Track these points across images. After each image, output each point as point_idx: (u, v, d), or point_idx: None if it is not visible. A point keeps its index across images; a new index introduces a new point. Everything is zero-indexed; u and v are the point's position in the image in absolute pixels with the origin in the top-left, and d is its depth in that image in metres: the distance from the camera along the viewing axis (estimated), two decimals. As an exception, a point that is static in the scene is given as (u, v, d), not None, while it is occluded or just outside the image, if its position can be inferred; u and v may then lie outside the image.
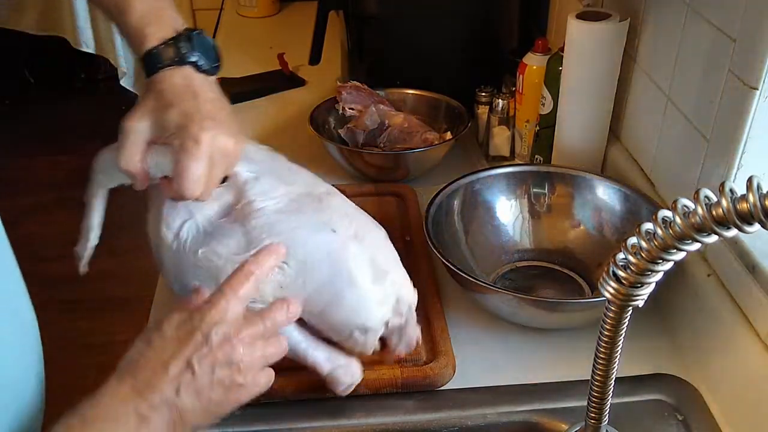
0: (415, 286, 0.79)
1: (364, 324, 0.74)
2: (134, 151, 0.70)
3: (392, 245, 0.80)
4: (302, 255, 0.73)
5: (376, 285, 0.74)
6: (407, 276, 0.78)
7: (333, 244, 0.75)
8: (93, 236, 0.84)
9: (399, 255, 0.79)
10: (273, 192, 0.78)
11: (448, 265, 0.85)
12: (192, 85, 0.70)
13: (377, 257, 0.76)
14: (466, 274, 0.84)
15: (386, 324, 0.75)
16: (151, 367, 0.59)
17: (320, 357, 0.75)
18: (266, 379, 0.66)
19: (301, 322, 0.75)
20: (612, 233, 0.98)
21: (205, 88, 0.71)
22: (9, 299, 0.68)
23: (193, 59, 0.71)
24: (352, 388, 0.77)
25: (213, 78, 0.74)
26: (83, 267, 0.81)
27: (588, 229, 1.00)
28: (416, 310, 0.79)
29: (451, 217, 0.99)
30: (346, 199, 0.82)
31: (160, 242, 0.77)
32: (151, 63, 0.71)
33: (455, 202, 1.00)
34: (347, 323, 0.74)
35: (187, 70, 0.71)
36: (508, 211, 1.03)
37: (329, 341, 0.76)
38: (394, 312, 0.76)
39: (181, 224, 0.76)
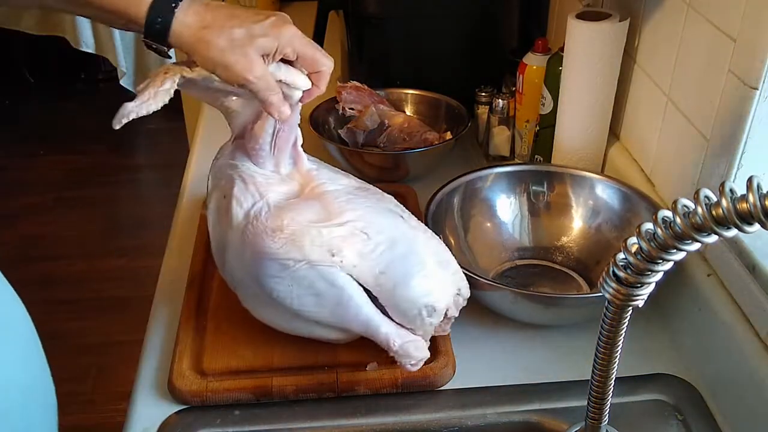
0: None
1: (432, 304, 0.76)
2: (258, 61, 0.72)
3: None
4: (380, 228, 0.77)
5: (442, 271, 0.78)
6: (463, 272, 0.81)
7: (404, 227, 0.79)
8: (153, 104, 0.74)
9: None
10: (337, 181, 0.83)
11: (448, 264, 0.85)
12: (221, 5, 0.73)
13: (439, 249, 0.80)
14: (466, 270, 0.84)
15: (446, 312, 0.78)
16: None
17: (392, 331, 0.76)
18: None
19: (373, 300, 0.77)
20: (611, 232, 0.98)
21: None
22: None
23: None
24: (421, 364, 0.78)
25: None
26: (118, 123, 0.73)
27: (587, 228, 1.00)
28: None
29: (450, 215, 0.99)
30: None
31: (229, 221, 0.79)
32: (165, 8, 0.69)
33: (455, 200, 1.00)
34: (416, 302, 0.76)
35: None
36: (507, 210, 1.03)
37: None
38: (454, 303, 0.78)
39: (252, 204, 0.79)
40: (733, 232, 0.45)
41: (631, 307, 0.55)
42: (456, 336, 0.86)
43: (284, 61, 0.75)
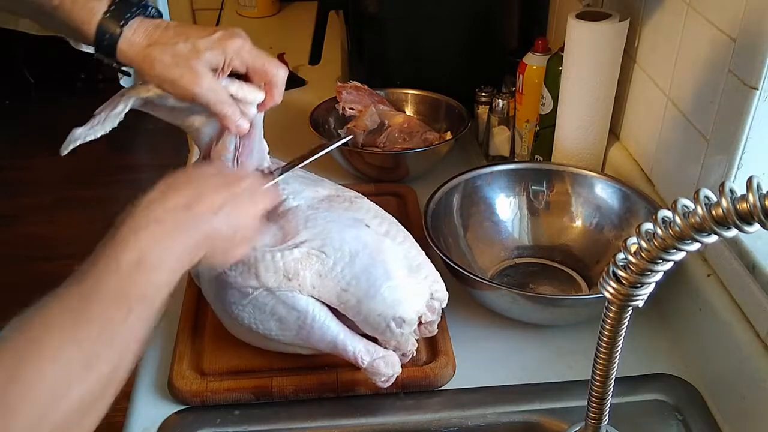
0: (415, 285, 0.79)
1: (401, 315, 0.74)
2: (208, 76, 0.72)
3: (419, 247, 0.81)
4: (339, 244, 0.75)
5: (410, 278, 0.76)
6: (439, 274, 0.79)
7: (368, 237, 0.77)
8: (100, 129, 0.75)
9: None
10: (303, 192, 0.81)
11: (447, 260, 0.85)
12: (169, 23, 0.73)
13: (410, 253, 0.78)
14: (464, 270, 0.84)
15: (420, 318, 0.76)
16: (194, 189, 0.61)
17: (360, 348, 0.75)
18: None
19: (340, 317, 0.76)
20: (611, 231, 0.98)
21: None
22: None
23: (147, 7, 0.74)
24: (393, 380, 0.77)
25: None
26: (65, 149, 0.75)
27: (587, 227, 1.00)
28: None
29: (450, 214, 0.99)
30: (373, 203, 0.84)
31: None
32: (121, 15, 0.71)
33: (455, 199, 1.00)
34: (383, 315, 0.74)
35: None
36: (507, 208, 1.03)
37: (366, 337, 0.77)
38: (428, 307, 0.77)
39: None
40: (733, 232, 0.45)
41: (631, 307, 0.55)
42: (456, 336, 0.86)
43: (239, 76, 0.75)
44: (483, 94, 1.23)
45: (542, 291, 0.96)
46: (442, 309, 0.89)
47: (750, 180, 0.43)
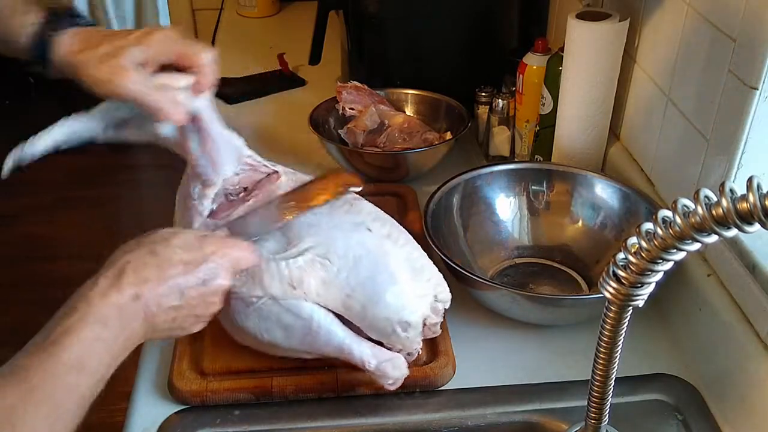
0: (415, 286, 0.79)
1: (407, 319, 0.74)
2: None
3: (421, 248, 0.81)
4: (343, 250, 0.75)
5: (414, 281, 0.76)
6: (441, 275, 0.79)
7: (370, 241, 0.76)
8: (41, 147, 0.79)
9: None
10: None
11: (446, 260, 0.85)
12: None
13: (413, 255, 0.78)
14: (464, 270, 0.84)
15: (424, 321, 0.76)
16: (156, 275, 0.63)
17: (366, 352, 0.75)
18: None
19: (345, 322, 0.76)
20: (611, 231, 0.98)
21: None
22: None
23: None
24: (401, 383, 0.76)
25: None
26: (4, 173, 0.79)
27: (587, 227, 1.00)
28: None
29: (450, 214, 0.99)
30: (373, 205, 0.83)
31: None
32: (56, 25, 0.74)
33: (455, 199, 1.00)
34: (389, 319, 0.74)
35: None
36: (507, 208, 1.03)
37: (371, 341, 0.77)
38: (432, 309, 0.77)
39: None
40: (733, 232, 0.45)
41: (631, 307, 0.55)
42: (456, 336, 0.86)
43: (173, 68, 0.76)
44: (483, 94, 1.23)
45: (542, 291, 0.96)
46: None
47: (750, 180, 0.43)
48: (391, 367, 0.75)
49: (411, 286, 0.76)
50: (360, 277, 0.74)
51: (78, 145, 0.81)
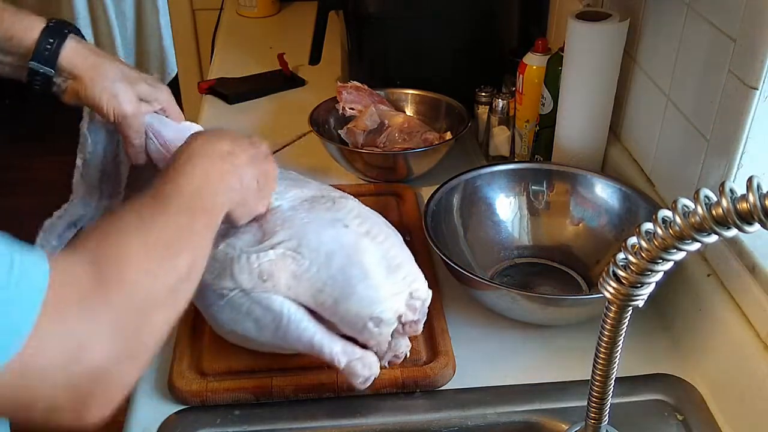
0: (415, 285, 0.79)
1: (378, 315, 0.74)
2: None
3: (407, 248, 0.81)
4: (315, 244, 0.75)
5: (388, 278, 0.75)
6: (421, 273, 0.79)
7: (345, 237, 0.76)
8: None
9: (399, 255, 0.79)
10: (286, 193, 0.80)
11: (446, 260, 0.85)
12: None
13: (390, 253, 0.77)
14: (464, 270, 0.84)
15: (399, 318, 0.76)
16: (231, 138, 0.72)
17: (337, 349, 0.75)
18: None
19: (317, 317, 0.76)
20: (610, 231, 0.98)
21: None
22: None
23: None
24: (371, 381, 0.76)
25: None
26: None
27: (586, 227, 1.00)
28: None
29: (450, 214, 0.99)
30: (361, 203, 0.83)
31: None
32: (62, 29, 0.77)
33: (455, 199, 1.00)
34: (360, 315, 0.74)
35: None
36: (507, 208, 1.03)
37: (346, 337, 0.76)
38: (408, 306, 0.76)
39: None
40: (733, 232, 0.45)
41: (631, 307, 0.55)
42: (456, 336, 0.86)
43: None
44: (483, 94, 1.23)
45: (542, 291, 0.96)
46: (443, 309, 0.89)
47: (750, 180, 0.43)
48: (361, 366, 0.75)
49: (384, 282, 0.75)
50: (331, 271, 0.74)
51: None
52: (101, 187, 0.88)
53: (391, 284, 0.75)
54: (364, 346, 0.76)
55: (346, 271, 0.74)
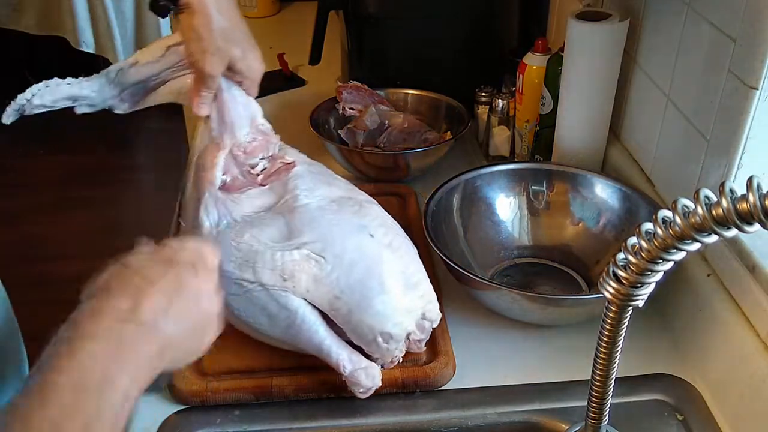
0: (415, 286, 0.79)
1: (389, 331, 0.74)
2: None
3: (421, 262, 0.81)
4: (339, 250, 0.75)
5: (405, 294, 0.76)
6: (435, 294, 0.79)
7: (369, 247, 0.77)
8: (49, 99, 0.90)
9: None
10: (316, 190, 0.81)
11: (446, 260, 0.85)
12: None
13: (409, 269, 0.78)
14: (463, 270, 0.84)
15: (408, 336, 0.76)
16: (135, 285, 0.54)
17: (343, 356, 0.75)
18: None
19: (329, 322, 0.76)
20: (610, 231, 0.98)
21: None
22: None
23: None
24: (371, 392, 0.77)
25: None
26: (5, 120, 0.87)
27: (586, 227, 1.00)
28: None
29: (450, 214, 0.99)
30: (383, 210, 0.83)
31: (197, 226, 0.80)
32: None
33: (455, 199, 1.00)
34: (372, 328, 0.74)
35: None
36: (507, 208, 1.03)
37: (351, 344, 0.77)
38: (418, 326, 0.77)
39: (218, 216, 0.80)
40: (733, 232, 0.45)
41: (631, 307, 0.55)
42: (456, 336, 0.86)
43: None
44: (483, 94, 1.23)
45: (542, 291, 0.96)
46: (442, 311, 0.89)
47: (750, 180, 0.43)
48: (365, 376, 0.75)
49: (401, 299, 0.75)
50: (351, 280, 0.74)
51: (92, 111, 0.87)
52: (126, 89, 0.89)
53: (407, 302, 0.76)
54: (367, 355, 0.77)
55: (365, 282, 0.74)
